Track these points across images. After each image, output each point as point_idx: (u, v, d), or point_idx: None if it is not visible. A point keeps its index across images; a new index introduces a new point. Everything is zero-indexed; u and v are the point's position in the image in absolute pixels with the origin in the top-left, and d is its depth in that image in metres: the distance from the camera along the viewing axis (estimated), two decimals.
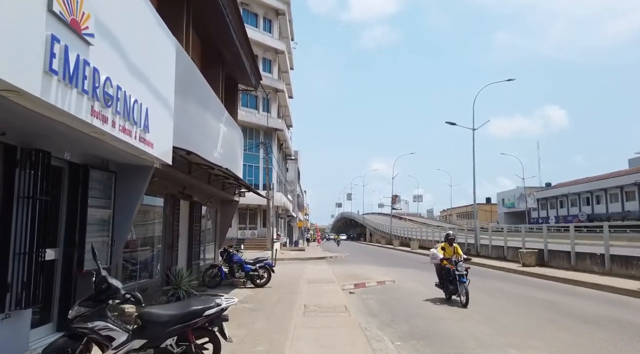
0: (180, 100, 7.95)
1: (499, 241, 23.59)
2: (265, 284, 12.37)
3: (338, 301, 10.04)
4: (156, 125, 6.50)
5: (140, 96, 5.82)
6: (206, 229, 14.58)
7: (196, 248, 12.01)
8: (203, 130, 9.68)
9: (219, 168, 8.01)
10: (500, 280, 15.12)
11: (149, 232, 9.31)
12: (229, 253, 12.28)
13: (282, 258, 27.62)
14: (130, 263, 8.26)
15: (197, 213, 12.08)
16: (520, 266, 18.02)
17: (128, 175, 7.08)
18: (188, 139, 8.38)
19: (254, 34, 35.54)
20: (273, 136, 38.27)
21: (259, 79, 15.73)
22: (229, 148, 12.49)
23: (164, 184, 9.29)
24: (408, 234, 44.22)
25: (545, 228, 18.01)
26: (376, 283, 14.32)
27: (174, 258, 10.06)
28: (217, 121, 11.18)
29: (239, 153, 14.67)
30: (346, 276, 15.73)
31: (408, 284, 14.23)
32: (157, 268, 9.40)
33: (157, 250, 9.45)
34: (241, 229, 35.94)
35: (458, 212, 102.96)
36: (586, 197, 60.77)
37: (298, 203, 57.75)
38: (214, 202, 14.25)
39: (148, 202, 9.30)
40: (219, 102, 11.28)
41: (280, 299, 10.27)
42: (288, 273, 17.13)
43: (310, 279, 14.65)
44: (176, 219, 10.19)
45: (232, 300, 4.72)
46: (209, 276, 11.97)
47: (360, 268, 21.26)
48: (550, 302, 10.33)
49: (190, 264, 11.64)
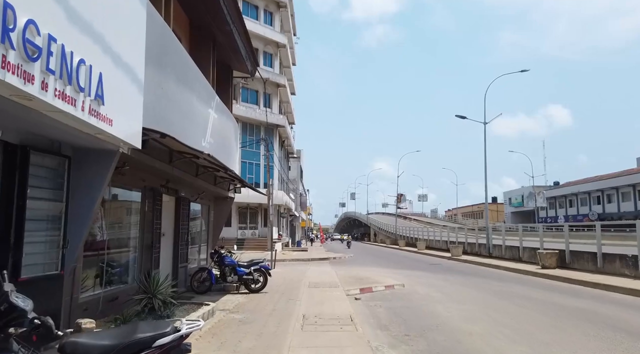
0: (154, 73, 6.69)
1: (513, 241, 22.23)
2: (260, 289, 11.11)
3: (342, 310, 8.76)
4: (117, 98, 5.24)
5: (89, 57, 4.55)
6: (200, 228, 13.36)
7: (183, 249, 10.76)
8: (186, 113, 8.39)
9: (200, 154, 6.77)
10: (519, 284, 13.78)
11: (123, 232, 8.06)
12: (220, 255, 11.03)
13: (284, 259, 26.39)
14: (98, 268, 7.02)
15: (184, 210, 10.83)
16: (539, 268, 16.66)
17: (87, 161, 5.83)
18: (166, 121, 7.11)
19: (254, 26, 34.30)
20: (274, 133, 37.01)
21: (255, 65, 14.46)
22: (220, 138, 11.21)
23: (141, 175, 8.04)
24: (414, 234, 42.86)
25: (566, 227, 16.63)
26: (384, 287, 13.02)
27: (155, 261, 8.80)
28: (206, 106, 9.89)
29: (234, 145, 13.40)
30: (351, 280, 14.44)
31: (419, 288, 12.92)
32: (134, 272, 8.14)
33: (133, 252, 8.20)
34: (241, 228, 34.72)
35: (463, 212, 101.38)
36: (597, 196, 59.16)
37: (301, 202, 56.48)
38: (205, 199, 13.00)
39: (123, 197, 8.06)
40: (207, 85, 10.02)
41: (276, 307, 8.99)
42: (288, 275, 15.86)
43: (312, 282, 13.38)
44: (157, 216, 8.94)
45: (195, 325, 3.41)
46: (197, 281, 10.72)
47: (366, 270, 19.94)
48: (585, 311, 8.99)
49: (175, 267, 10.39)
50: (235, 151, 13.88)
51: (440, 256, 27.57)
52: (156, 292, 6.97)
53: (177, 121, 7.82)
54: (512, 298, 10.92)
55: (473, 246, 26.79)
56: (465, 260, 23.62)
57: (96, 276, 6.98)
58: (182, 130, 7.95)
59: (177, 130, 7.60)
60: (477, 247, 26.09)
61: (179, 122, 7.92)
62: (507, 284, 13.66)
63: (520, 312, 8.97)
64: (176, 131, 7.43)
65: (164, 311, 6.84)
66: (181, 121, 8.05)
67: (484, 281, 14.85)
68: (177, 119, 7.80)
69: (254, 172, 34.91)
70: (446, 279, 15.39)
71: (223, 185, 13.24)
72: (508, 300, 10.56)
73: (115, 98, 5.19)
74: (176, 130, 7.46)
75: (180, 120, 7.99)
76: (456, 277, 16.28)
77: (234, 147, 13.37)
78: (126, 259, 8.03)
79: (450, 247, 27.42)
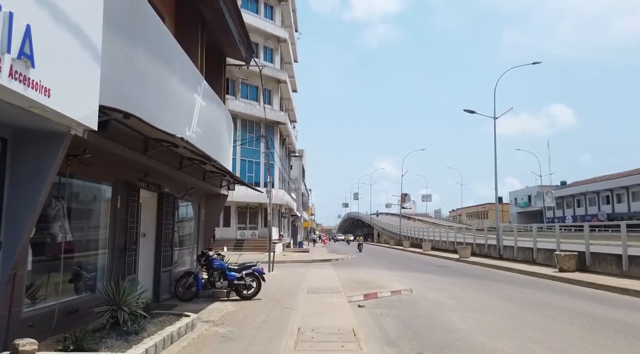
0: (118, 42, 5.60)
1: (525, 242, 21.04)
2: (253, 295, 9.99)
3: (344, 321, 7.64)
4: (57, 62, 4.14)
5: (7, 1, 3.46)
6: (195, 228, 12.28)
7: (167, 251, 9.66)
8: (165, 96, 7.28)
9: (172, 139, 5.66)
10: (538, 289, 12.60)
11: (91, 232, 6.96)
12: (208, 258, 9.92)
13: (284, 261, 25.29)
14: (56, 275, 5.92)
15: (168, 208, 9.73)
16: (557, 271, 15.48)
17: (29, 145, 4.74)
18: (135, 102, 6.01)
19: (254, 20, 33.27)
20: (275, 130, 35.91)
21: (250, 51, 13.35)
22: (210, 129, 10.12)
23: (110, 166, 6.95)
24: (419, 235, 41.65)
25: (586, 228, 15.41)
26: (390, 292, 11.88)
27: (130, 265, 7.70)
28: (191, 91, 8.78)
29: (226, 138, 12.29)
30: (354, 284, 13.31)
31: (429, 294, 11.77)
32: (104, 279, 7.04)
33: (103, 255, 7.10)
34: (240, 229, 33.64)
35: (468, 212, 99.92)
36: (606, 195, 57.80)
37: (303, 202, 55.36)
38: (195, 196, 11.91)
39: (90, 192, 6.97)
40: (193, 68, 8.92)
41: (268, 318, 7.87)
42: (286, 278, 14.75)
43: (311, 287, 12.26)
44: (133, 214, 7.84)
45: None
46: (182, 287, 9.62)
47: (370, 272, 18.80)
48: (625, 324, 7.81)
49: (157, 272, 9.29)
50: (228, 144, 12.77)
51: (448, 258, 26.38)
52: (123, 303, 5.87)
53: (152, 103, 6.71)
54: (535, 306, 9.76)
55: (482, 247, 25.60)
56: (474, 262, 22.44)
57: (54, 285, 5.88)
58: (160, 115, 6.85)
59: (153, 114, 6.49)
60: (487, 248, 24.89)
61: (155, 105, 6.82)
62: (525, 289, 12.48)
63: (549, 325, 7.81)
64: (152, 115, 6.33)
65: (130, 326, 5.73)
66: (158, 104, 6.94)
67: (498, 285, 13.68)
68: (151, 100, 6.70)
69: (254, 171, 33.83)
70: (457, 283, 14.23)
71: (214, 181, 12.14)
72: (531, 309, 9.40)
73: (55, 62, 4.09)
74: (152, 114, 6.37)
75: (156, 103, 6.89)
76: (467, 280, 15.12)
77: (226, 140, 12.26)
78: (94, 263, 6.93)
79: (458, 249, 26.23)
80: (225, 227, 32.93)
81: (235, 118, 32.83)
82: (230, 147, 13.28)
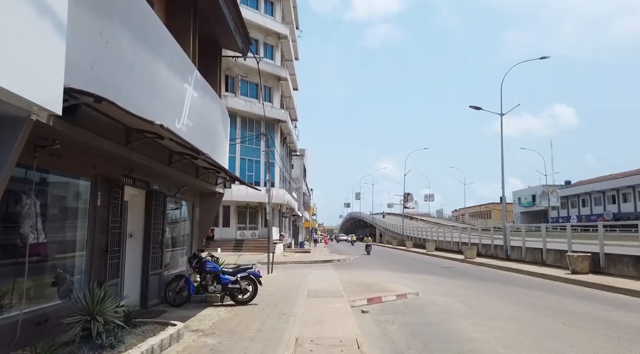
0: (91, 17, 4.93)
1: (533, 242, 20.31)
2: (249, 300, 9.32)
3: (346, 330, 6.96)
4: (10, 33, 3.48)
5: None
6: (191, 228, 11.63)
7: (157, 253, 8.99)
8: (149, 82, 6.60)
9: (152, 126, 4.99)
10: (552, 292, 11.90)
11: (68, 233, 6.30)
12: (200, 260, 9.25)
13: (284, 262, 24.65)
14: (24, 280, 5.25)
15: (158, 206, 9.07)
16: (569, 273, 14.77)
17: None
18: (114, 87, 5.34)
19: (254, 16, 32.62)
20: (275, 128, 35.24)
21: (247, 42, 12.67)
22: (203, 122, 9.46)
23: (88, 159, 6.28)
24: (422, 235, 40.93)
25: (601, 227, 14.68)
26: (395, 296, 11.19)
27: (112, 269, 7.03)
28: (180, 80, 8.12)
29: (222, 132, 11.63)
30: (356, 286, 12.63)
31: (437, 298, 11.09)
32: (81, 284, 6.38)
33: (81, 258, 6.43)
34: (240, 229, 32.97)
35: (470, 212, 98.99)
36: (612, 195, 56.94)
37: (304, 202, 54.67)
38: (188, 194, 11.24)
39: (65, 188, 6.31)
40: (182, 55, 8.24)
41: (263, 326, 7.19)
42: (286, 281, 14.08)
43: (312, 290, 11.59)
44: (116, 212, 7.17)
45: None
46: (172, 291, 8.95)
47: (373, 274, 18.13)
48: None
49: (145, 275, 8.62)
50: (224, 140, 12.12)
51: (453, 259, 25.67)
52: (98, 312, 5.20)
53: (136, 91, 6.04)
54: (552, 311, 9.06)
55: (488, 247, 24.87)
56: (480, 263, 21.73)
57: (21, 291, 5.22)
58: (145, 104, 6.18)
59: (138, 103, 5.83)
60: (493, 249, 24.16)
61: (139, 94, 6.14)
62: (539, 293, 11.77)
63: (573, 334, 7.11)
64: (136, 104, 5.67)
65: (106, 339, 5.07)
66: (142, 92, 6.27)
67: (509, 288, 12.98)
68: (135, 88, 6.02)
69: (254, 170, 33.17)
70: (465, 286, 13.54)
71: (208, 178, 11.47)
72: (549, 315, 8.69)
73: (5, 32, 3.42)
74: (136, 103, 5.70)
75: (141, 91, 6.22)
76: (476, 283, 14.42)
77: (221, 135, 11.60)
78: (70, 267, 6.27)
79: (463, 249, 25.52)
80: (224, 227, 32.29)
81: (235, 116, 32.22)
82: (226, 143, 12.62)
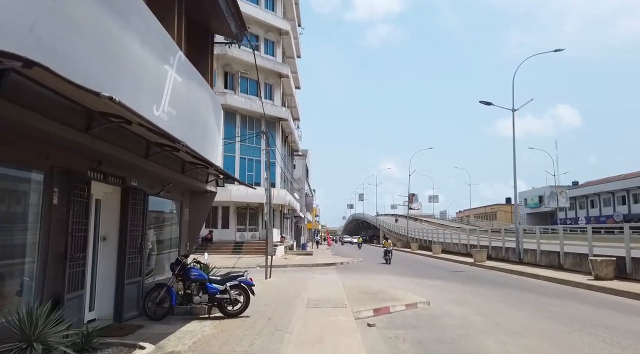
0: None
1: (550, 245, 19.14)
2: (240, 312, 8.23)
3: (351, 350, 5.89)
4: None
5: None
6: (179, 231, 10.58)
7: (135, 259, 7.91)
8: (116, 58, 5.51)
9: (99, 98, 3.90)
10: (580, 301, 10.73)
11: (16, 235, 5.23)
12: (184, 266, 8.17)
13: (285, 265, 23.57)
14: None
15: (136, 206, 7.99)
16: (592, 279, 13.61)
17: None
18: (64, 55, 4.26)
19: (255, 10, 31.59)
20: (276, 126, 34.16)
21: (242, 27, 11.61)
22: (189, 111, 8.33)
23: (37, 147, 5.21)
24: (428, 237, 39.72)
25: (627, 229, 13.52)
26: (404, 306, 10.08)
27: (73, 278, 5.95)
28: (159, 60, 7.01)
29: (213, 125, 10.51)
30: (361, 294, 11.51)
31: (451, 308, 9.97)
32: (32, 297, 5.30)
33: (32, 266, 5.35)
34: (240, 231, 31.88)
35: (475, 213, 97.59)
36: (621, 196, 55.56)
37: (306, 203, 53.58)
38: (176, 193, 10.18)
39: (9, 182, 5.24)
40: (161, 31, 7.14)
41: (252, 348, 6.09)
42: (284, 286, 12.99)
43: (312, 299, 10.50)
44: (79, 212, 6.10)
45: None
46: (152, 302, 7.87)
47: (378, 278, 17.03)
48: None
49: (120, 285, 7.54)
50: (215, 134, 10.99)
51: (461, 262, 24.51)
52: (37, 336, 4.13)
53: (94, 63, 4.95)
54: (587, 326, 7.91)
55: (499, 250, 23.70)
56: (491, 267, 20.56)
57: None
58: (109, 81, 5.06)
59: (97, 79, 4.75)
60: (504, 251, 22.98)
61: (98, 66, 5.06)
62: (563, 302, 10.63)
63: None
64: (98, 81, 4.59)
65: None
66: (104, 65, 5.17)
67: (529, 296, 11.83)
68: (93, 60, 4.93)
69: (254, 170, 32.09)
70: (480, 294, 12.41)
71: (197, 175, 10.39)
72: (584, 330, 7.55)
73: None
74: (95, 79, 4.62)
75: (101, 64, 5.12)
76: (490, 290, 13.29)
77: (213, 128, 10.48)
78: (15, 277, 5.20)
79: (472, 252, 24.35)
80: (223, 228, 31.23)
81: (235, 114, 31.19)
82: (218, 138, 11.51)
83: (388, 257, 25.98)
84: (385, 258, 26.15)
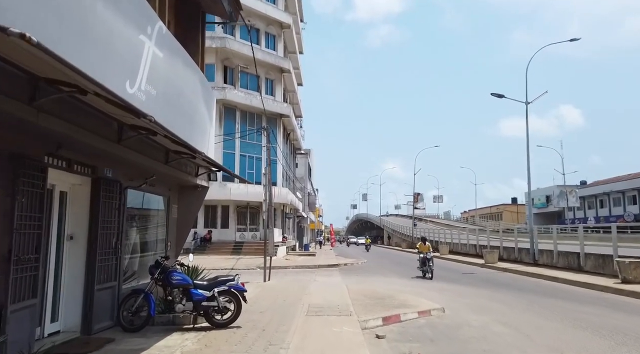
0: None
1: (568, 246, 17.98)
2: (230, 321, 7.16)
3: None
4: None
5: None
6: (166, 230, 9.53)
7: (107, 261, 6.85)
8: (71, 17, 4.43)
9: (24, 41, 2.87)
10: (615, 309, 9.59)
11: None
12: (165, 269, 7.10)
13: (286, 266, 22.50)
14: None
15: (111, 200, 6.94)
16: (619, 283, 12.47)
17: None
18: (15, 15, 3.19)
19: (255, 2, 30.54)
20: (277, 123, 33.09)
21: (236, 5, 10.55)
22: (172, 92, 7.25)
23: None
24: (435, 237, 38.50)
25: None
26: (417, 314, 8.98)
27: (23, 285, 4.90)
28: (134, 29, 5.91)
29: (203, 111, 9.44)
30: (367, 299, 10.41)
31: (469, 317, 8.86)
32: None
33: None
34: (240, 230, 30.82)
35: (480, 213, 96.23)
36: (632, 195, 54.14)
37: (309, 202, 52.50)
38: (162, 187, 9.12)
39: None
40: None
41: None
42: (284, 290, 11.92)
43: (314, 305, 9.41)
44: (32, 206, 5.05)
45: None
46: (128, 311, 6.81)
47: (385, 281, 15.93)
48: None
49: (89, 291, 6.48)
50: (206, 121, 9.91)
51: (471, 263, 23.36)
52: None
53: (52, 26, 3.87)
54: (631, 339, 6.79)
55: (511, 251, 22.53)
56: (504, 268, 19.40)
57: None
58: (72, 50, 3.99)
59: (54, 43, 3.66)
60: (517, 252, 21.82)
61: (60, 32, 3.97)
62: (596, 310, 9.49)
63: None
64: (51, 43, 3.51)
65: None
66: (65, 30, 4.09)
67: (554, 302, 10.69)
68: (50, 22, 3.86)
69: (255, 168, 31.02)
70: (498, 299, 11.28)
71: (184, 167, 9.33)
72: (629, 344, 6.44)
73: None
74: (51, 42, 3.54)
75: (62, 29, 4.04)
76: (508, 294, 12.16)
77: (202, 114, 9.40)
78: None
79: (483, 253, 23.19)
80: (223, 228, 30.19)
81: (235, 109, 30.17)
82: (210, 127, 10.43)
83: (427, 268, 16.58)
84: (422, 270, 16.98)
